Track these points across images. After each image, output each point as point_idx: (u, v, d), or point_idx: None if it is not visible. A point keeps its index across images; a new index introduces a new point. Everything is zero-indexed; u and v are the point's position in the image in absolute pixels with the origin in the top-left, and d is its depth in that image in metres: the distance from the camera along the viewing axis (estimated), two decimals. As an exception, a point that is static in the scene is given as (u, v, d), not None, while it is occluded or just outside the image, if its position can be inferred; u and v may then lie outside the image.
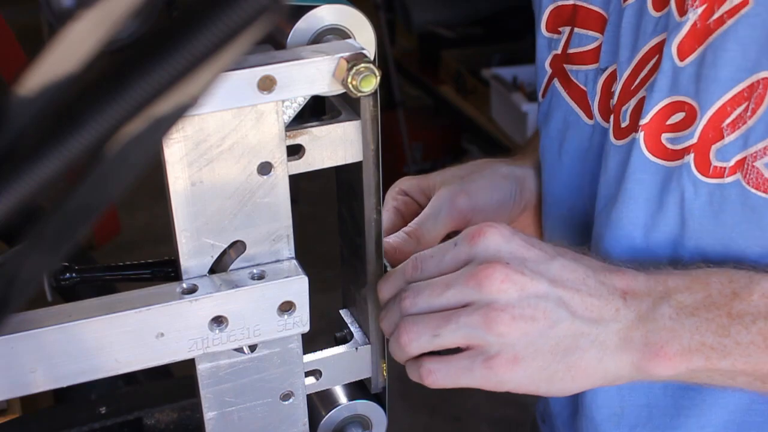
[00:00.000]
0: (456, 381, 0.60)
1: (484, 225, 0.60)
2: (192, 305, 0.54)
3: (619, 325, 0.58)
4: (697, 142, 0.63)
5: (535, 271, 0.58)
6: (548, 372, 0.59)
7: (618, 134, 0.69)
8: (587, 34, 0.73)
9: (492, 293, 0.57)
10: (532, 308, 0.57)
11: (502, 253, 0.58)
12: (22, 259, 0.30)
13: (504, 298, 0.57)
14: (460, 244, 0.60)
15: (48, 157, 0.27)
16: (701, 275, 0.60)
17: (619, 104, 0.69)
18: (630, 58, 0.68)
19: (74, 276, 0.62)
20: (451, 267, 0.60)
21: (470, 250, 0.59)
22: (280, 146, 0.54)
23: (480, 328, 0.57)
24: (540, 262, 0.59)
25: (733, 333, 0.58)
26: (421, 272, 0.61)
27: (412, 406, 2.58)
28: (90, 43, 0.27)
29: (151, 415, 0.80)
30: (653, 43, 0.66)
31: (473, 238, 0.59)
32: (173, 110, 0.28)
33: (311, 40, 0.54)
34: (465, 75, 3.07)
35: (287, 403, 0.62)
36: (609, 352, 0.59)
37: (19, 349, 0.50)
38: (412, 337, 0.59)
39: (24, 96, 0.28)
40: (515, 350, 0.57)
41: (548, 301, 0.57)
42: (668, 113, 0.64)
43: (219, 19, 0.26)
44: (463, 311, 0.58)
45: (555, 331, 0.58)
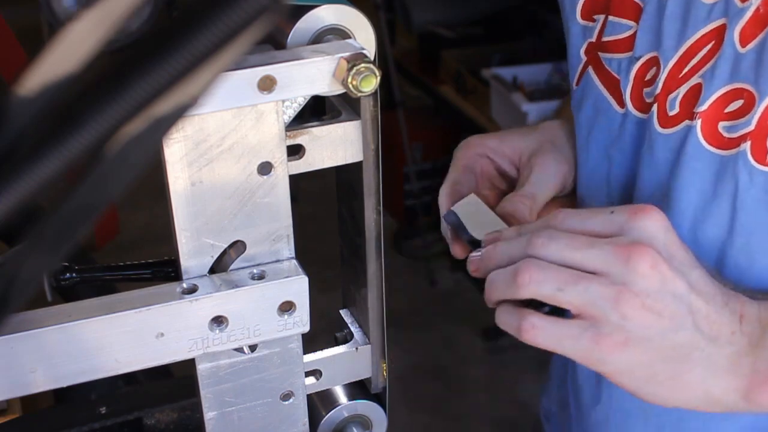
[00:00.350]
0: (557, 345, 0.58)
1: (650, 206, 0.58)
2: (192, 305, 0.54)
3: (732, 348, 0.58)
4: (755, 129, 0.62)
5: (679, 270, 0.57)
6: (651, 371, 0.57)
7: (665, 123, 0.68)
8: (621, 23, 0.72)
9: (636, 274, 0.55)
10: (663, 304, 0.56)
11: (657, 240, 0.57)
12: (22, 259, 0.30)
13: (644, 284, 0.55)
14: (618, 213, 0.58)
15: (48, 157, 0.27)
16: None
17: (665, 92, 0.68)
18: (676, 45, 0.67)
19: (74, 276, 0.62)
20: (598, 229, 0.58)
21: (627, 222, 0.57)
22: (280, 146, 0.54)
23: (607, 301, 0.55)
24: (685, 264, 0.58)
25: None
26: (562, 222, 0.59)
27: (412, 406, 2.58)
28: (90, 43, 0.27)
29: (151, 415, 0.80)
30: (706, 29, 0.65)
31: (636, 213, 0.57)
32: (173, 110, 0.28)
33: (311, 40, 0.54)
34: (465, 75, 3.07)
35: (287, 403, 0.62)
36: (717, 374, 0.58)
37: (19, 349, 0.50)
38: (534, 279, 0.57)
39: (24, 96, 0.28)
40: (630, 336, 0.56)
41: (680, 304, 0.56)
42: (727, 100, 0.64)
43: (219, 19, 0.26)
44: (596, 279, 0.56)
45: (674, 335, 0.56)
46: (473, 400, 2.63)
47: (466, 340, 2.87)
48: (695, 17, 0.66)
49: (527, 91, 2.81)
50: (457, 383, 2.70)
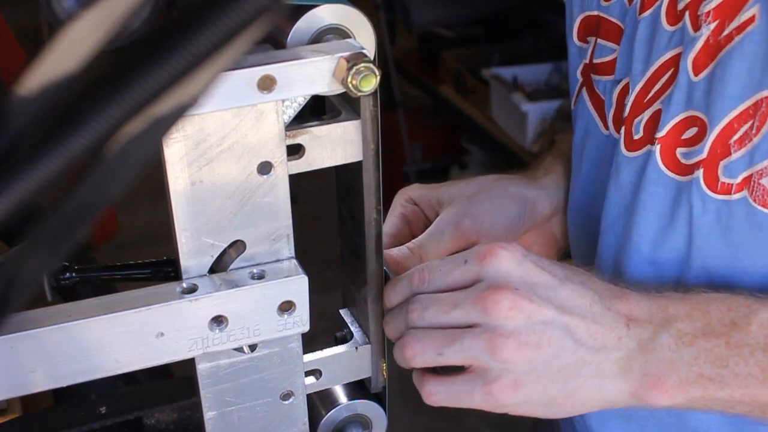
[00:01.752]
0: (456, 402, 0.61)
1: (497, 246, 0.59)
2: (192, 305, 0.54)
3: (620, 353, 0.59)
4: (707, 157, 0.63)
5: (543, 297, 0.58)
6: (547, 398, 0.59)
7: (630, 146, 0.69)
8: (607, 45, 0.73)
9: (498, 319, 0.57)
10: (537, 335, 0.57)
11: (511, 277, 0.58)
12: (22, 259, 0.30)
13: (510, 325, 0.57)
14: (471, 262, 0.60)
15: (48, 157, 0.27)
16: (701, 302, 0.60)
17: (632, 116, 0.69)
18: (643, 70, 0.68)
19: (74, 276, 0.62)
20: (459, 284, 0.60)
21: (480, 270, 0.59)
22: (280, 146, 0.54)
23: (483, 352, 0.57)
24: (549, 288, 0.59)
25: (731, 364, 0.58)
26: (428, 284, 0.61)
27: (412, 406, 2.58)
28: (90, 43, 0.27)
29: (151, 415, 0.80)
30: (667, 56, 0.66)
31: (484, 258, 0.59)
32: (173, 110, 0.28)
33: (311, 40, 0.54)
34: (465, 75, 3.07)
35: (287, 403, 0.62)
36: (608, 380, 0.59)
37: (19, 349, 0.50)
38: (417, 352, 0.60)
39: (24, 96, 0.28)
40: (516, 376, 0.58)
41: (554, 329, 0.57)
42: (684, 128, 0.65)
43: (219, 19, 0.26)
44: (467, 333, 0.58)
45: (558, 359, 0.58)
46: (473, 400, 2.63)
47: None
48: (658, 43, 0.67)
49: (527, 91, 2.81)
50: (457, 383, 2.70)
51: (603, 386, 0.59)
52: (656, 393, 0.58)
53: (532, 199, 0.80)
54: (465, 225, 0.75)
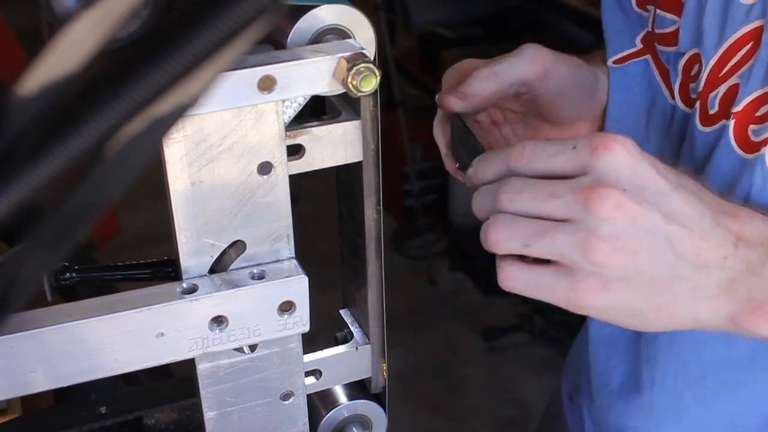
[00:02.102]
0: (535, 292, 0.56)
1: (614, 139, 0.54)
2: (192, 305, 0.54)
3: (724, 273, 0.55)
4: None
5: (651, 203, 0.53)
6: (634, 308, 0.55)
7: (705, 120, 0.67)
8: (666, 17, 0.72)
9: (598, 219, 0.52)
10: (636, 241, 0.53)
11: (622, 176, 0.53)
12: (22, 259, 0.30)
13: (609, 227, 0.52)
14: (580, 149, 0.54)
15: (48, 157, 0.27)
16: None
17: (707, 90, 0.67)
18: (717, 45, 0.66)
19: (74, 276, 0.62)
20: (562, 170, 0.55)
21: (590, 160, 0.54)
22: (280, 146, 0.54)
23: (576, 251, 0.53)
24: (660, 193, 0.54)
25: None
26: (527, 163, 0.56)
27: (412, 406, 2.58)
28: (90, 43, 0.27)
29: (151, 415, 0.80)
30: (745, 30, 0.64)
31: (597, 148, 0.54)
32: (173, 110, 0.28)
33: (311, 40, 0.54)
34: (465, 75, 3.07)
35: (287, 403, 0.62)
36: (706, 299, 0.55)
37: (19, 349, 0.50)
38: (502, 238, 0.55)
39: (24, 96, 0.28)
40: (606, 280, 0.54)
41: (656, 237, 0.53)
42: (759, 104, 0.63)
43: (219, 19, 0.26)
44: (561, 228, 0.54)
45: (653, 269, 0.54)
46: (473, 400, 2.63)
47: (466, 340, 2.87)
48: (734, 17, 0.65)
49: (527, 91, 2.81)
50: (457, 383, 2.70)
51: (698, 306, 0.55)
52: (756, 319, 0.55)
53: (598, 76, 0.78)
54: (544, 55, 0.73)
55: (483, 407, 2.59)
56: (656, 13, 0.73)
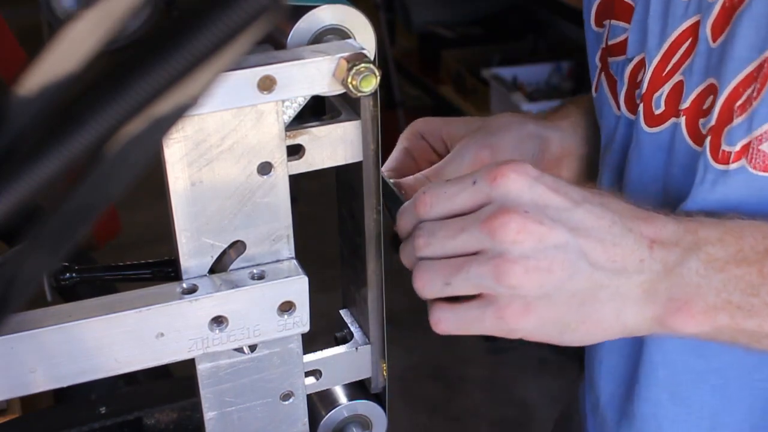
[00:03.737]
0: (466, 329, 0.58)
1: (507, 166, 0.56)
2: (192, 305, 0.54)
3: (643, 276, 0.56)
4: (714, 124, 0.62)
5: (555, 220, 0.55)
6: (562, 323, 0.56)
7: (651, 121, 0.68)
8: (619, 25, 0.72)
9: (505, 244, 0.54)
10: (548, 260, 0.54)
11: (523, 199, 0.55)
12: (22, 259, 0.30)
13: (518, 250, 0.54)
14: (480, 182, 0.56)
15: (48, 157, 0.27)
16: (735, 227, 0.57)
17: (650, 90, 0.68)
18: (659, 44, 0.67)
19: (74, 276, 0.62)
20: (467, 207, 0.57)
21: (490, 191, 0.56)
22: (280, 146, 0.54)
23: (490, 278, 0.54)
24: (563, 210, 0.55)
25: (762, 293, 0.55)
26: (431, 209, 0.58)
27: (412, 406, 2.58)
28: (90, 43, 0.27)
29: (151, 415, 0.80)
30: (685, 26, 0.65)
31: (495, 179, 0.55)
32: (173, 110, 0.28)
33: (311, 40, 0.54)
34: (465, 75, 3.07)
35: (287, 403, 0.62)
36: (629, 304, 0.56)
37: (19, 349, 0.50)
38: (425, 282, 0.57)
39: (24, 96, 0.28)
40: (527, 301, 0.55)
41: (567, 252, 0.54)
42: (705, 96, 0.63)
43: (219, 19, 0.26)
44: (474, 260, 0.55)
45: (572, 283, 0.55)
46: (473, 400, 2.63)
47: (466, 340, 2.87)
48: (673, 15, 0.66)
49: (527, 91, 2.82)
50: (457, 383, 2.70)
51: (623, 311, 0.56)
52: (682, 318, 0.56)
53: (546, 138, 0.78)
54: (484, 155, 0.73)
55: (483, 407, 2.59)
56: (610, 25, 0.74)
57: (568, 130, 0.81)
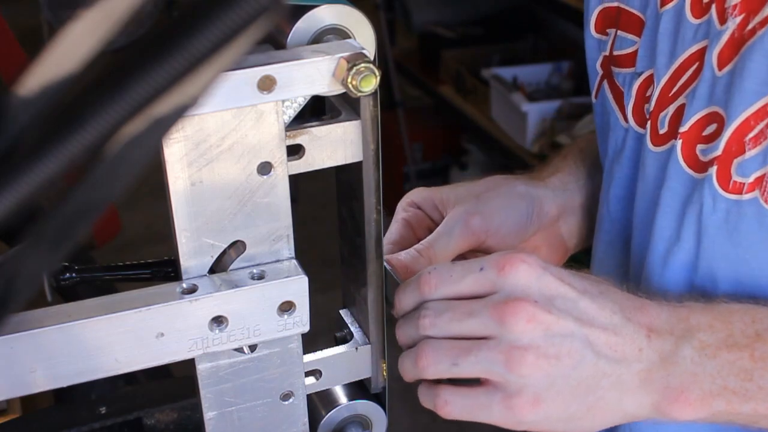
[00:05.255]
0: (472, 416, 0.59)
1: (516, 257, 0.58)
2: (192, 305, 0.54)
3: (641, 366, 0.57)
4: (722, 154, 0.62)
5: (562, 310, 0.57)
6: (568, 412, 0.58)
7: (656, 140, 0.68)
8: (627, 37, 0.72)
9: (516, 332, 0.56)
10: (556, 348, 0.56)
11: (531, 289, 0.57)
12: (22, 259, 0.30)
13: (528, 338, 0.56)
14: (488, 270, 0.58)
15: (48, 157, 0.27)
16: (723, 312, 0.59)
17: (657, 110, 0.68)
18: (668, 64, 0.67)
19: (74, 276, 0.62)
20: (472, 292, 0.59)
21: (497, 280, 0.58)
22: (280, 146, 0.54)
23: (501, 365, 0.56)
24: (568, 300, 0.57)
25: (756, 377, 0.57)
26: (436, 290, 0.60)
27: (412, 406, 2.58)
28: (90, 43, 0.27)
29: (151, 415, 0.80)
30: (693, 50, 0.65)
31: (503, 268, 0.57)
32: (173, 110, 0.28)
33: (311, 40, 0.54)
34: (465, 75, 3.07)
35: (287, 403, 0.62)
36: (629, 392, 0.58)
37: (19, 349, 0.50)
38: (431, 362, 0.58)
39: (24, 96, 0.28)
40: (536, 391, 0.56)
41: (573, 341, 0.56)
42: (705, 123, 0.64)
43: (219, 20, 0.26)
44: (484, 345, 0.57)
45: (578, 371, 0.57)
46: (473, 400, 2.63)
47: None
48: (683, 36, 0.66)
49: (527, 91, 2.81)
50: (457, 383, 2.70)
51: (623, 399, 0.58)
52: (679, 406, 0.57)
53: (539, 198, 0.79)
54: (474, 223, 0.73)
55: (483, 407, 2.58)
56: (617, 35, 0.74)
57: (558, 186, 0.82)
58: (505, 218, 0.76)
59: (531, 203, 0.78)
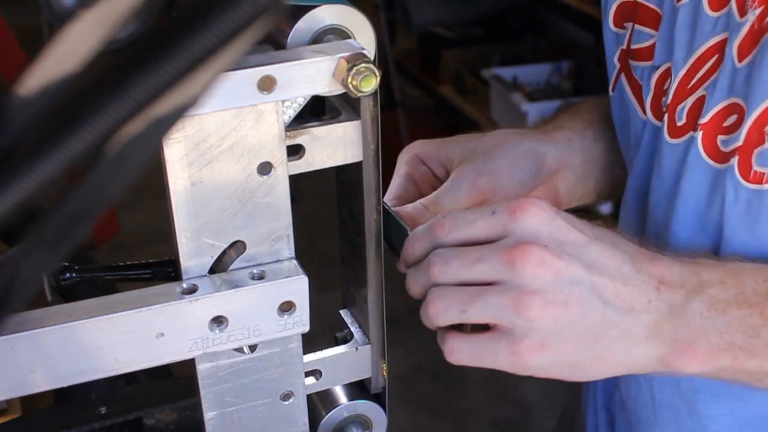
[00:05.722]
0: (479, 361, 0.58)
1: (528, 202, 0.57)
2: (192, 305, 0.54)
3: (650, 317, 0.57)
4: (742, 144, 0.62)
5: (572, 255, 0.56)
6: (575, 359, 0.57)
7: (673, 132, 0.69)
8: (644, 31, 0.73)
9: (525, 276, 0.55)
10: (565, 294, 0.55)
11: (541, 234, 0.56)
12: (22, 259, 0.30)
13: (537, 283, 0.55)
14: (499, 214, 0.58)
15: (48, 157, 0.27)
16: (736, 270, 0.59)
17: (675, 102, 0.68)
18: (686, 57, 0.67)
19: (74, 276, 0.62)
20: (483, 236, 0.58)
21: (508, 224, 0.57)
22: (280, 146, 0.54)
23: (509, 310, 0.55)
24: (579, 246, 0.57)
25: (763, 334, 0.57)
26: (450, 234, 0.59)
27: (412, 406, 2.58)
28: (90, 43, 0.27)
29: (151, 415, 0.80)
30: (712, 42, 0.65)
31: (514, 212, 0.57)
32: (173, 110, 0.28)
33: (311, 40, 0.54)
34: (465, 75, 3.07)
35: (287, 403, 0.62)
36: (636, 342, 0.57)
37: (19, 349, 0.50)
38: (440, 309, 0.58)
39: (24, 96, 0.28)
40: (543, 336, 0.56)
41: (582, 288, 0.56)
42: (726, 115, 0.64)
43: (219, 19, 0.26)
44: (492, 290, 0.56)
45: (586, 319, 0.56)
46: (473, 400, 2.63)
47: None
48: (702, 29, 0.66)
49: (527, 91, 2.82)
50: (457, 383, 2.70)
51: (631, 349, 0.57)
52: (685, 359, 0.57)
53: (542, 154, 0.78)
54: (482, 182, 0.73)
55: (483, 407, 2.59)
56: (634, 29, 0.74)
57: (562, 142, 0.81)
58: (512, 176, 0.76)
59: (534, 160, 0.78)
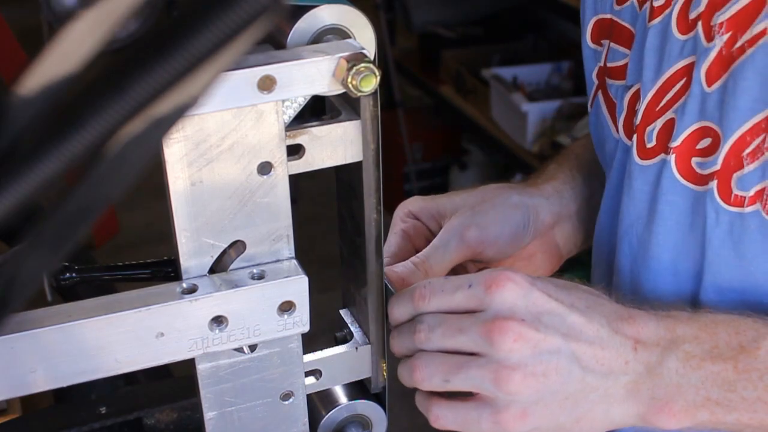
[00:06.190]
0: (463, 428, 0.61)
1: (503, 276, 0.59)
2: (192, 305, 0.54)
3: (628, 378, 0.59)
4: (720, 169, 0.63)
5: (549, 326, 0.58)
6: (556, 423, 0.59)
7: (643, 154, 0.69)
8: (619, 50, 0.73)
9: (503, 351, 0.57)
10: (544, 365, 0.57)
11: (517, 307, 0.58)
12: (22, 259, 0.30)
13: (516, 357, 0.57)
14: (476, 287, 0.60)
15: (48, 157, 0.27)
16: (709, 324, 0.60)
17: (644, 124, 0.69)
18: (654, 79, 0.68)
19: (74, 276, 0.62)
20: (461, 307, 0.60)
21: (485, 298, 0.59)
22: (280, 146, 0.54)
23: (489, 383, 0.58)
24: (555, 315, 0.58)
25: (739, 388, 0.58)
26: (429, 303, 0.61)
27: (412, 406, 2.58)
28: (90, 43, 0.27)
29: (151, 415, 0.80)
30: (679, 65, 0.66)
31: (490, 287, 0.59)
32: (173, 110, 0.28)
33: (311, 40, 0.54)
34: (465, 75, 3.07)
35: (287, 403, 0.62)
36: (616, 403, 0.59)
37: (19, 349, 0.50)
38: (425, 376, 0.60)
39: (24, 96, 0.28)
40: (524, 406, 0.58)
41: (561, 357, 0.58)
42: (698, 138, 0.65)
43: (219, 19, 0.26)
44: (473, 362, 0.58)
45: (566, 386, 0.58)
46: (473, 400, 2.62)
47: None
48: (669, 52, 0.66)
49: (527, 91, 2.81)
50: (457, 383, 2.70)
51: (611, 410, 0.59)
52: (664, 417, 0.59)
53: (534, 207, 0.79)
54: (470, 236, 0.74)
55: (483, 407, 2.58)
56: (610, 47, 0.74)
57: (553, 195, 0.82)
58: (501, 229, 0.76)
59: (526, 213, 0.78)
